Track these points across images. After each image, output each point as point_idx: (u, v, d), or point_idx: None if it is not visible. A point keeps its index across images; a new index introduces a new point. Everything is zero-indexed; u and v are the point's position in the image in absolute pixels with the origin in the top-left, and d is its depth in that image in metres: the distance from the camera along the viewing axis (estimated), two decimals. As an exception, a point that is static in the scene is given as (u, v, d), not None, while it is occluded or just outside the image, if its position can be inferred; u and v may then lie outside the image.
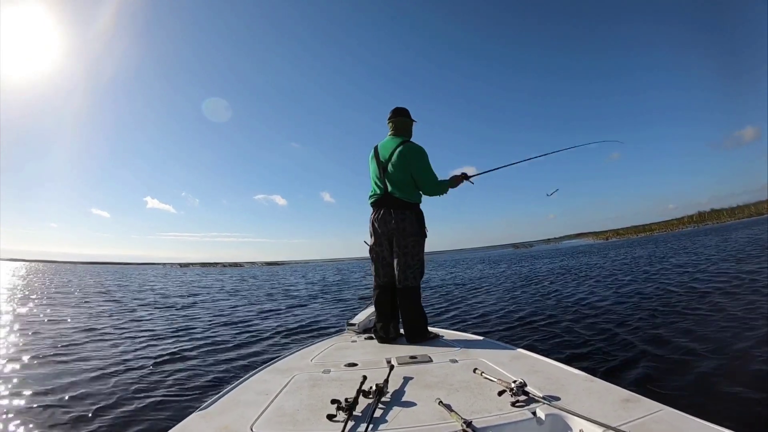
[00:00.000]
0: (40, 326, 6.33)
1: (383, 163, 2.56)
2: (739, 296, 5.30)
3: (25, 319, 7.24)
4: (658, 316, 4.79)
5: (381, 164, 2.58)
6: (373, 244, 2.64)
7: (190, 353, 4.38)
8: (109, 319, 7.32)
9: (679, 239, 28.43)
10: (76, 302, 10.40)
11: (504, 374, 1.62)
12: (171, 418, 2.55)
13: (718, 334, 3.68)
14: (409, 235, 2.52)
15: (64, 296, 12.27)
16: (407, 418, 1.25)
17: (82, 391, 3.12)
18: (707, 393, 2.49)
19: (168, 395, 3.03)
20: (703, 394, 2.48)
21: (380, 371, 1.68)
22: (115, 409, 2.76)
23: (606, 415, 1.17)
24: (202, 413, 1.35)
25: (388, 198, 2.55)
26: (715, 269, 8.44)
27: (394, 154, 2.52)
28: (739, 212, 61.76)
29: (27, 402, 2.91)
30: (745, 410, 2.21)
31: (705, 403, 2.34)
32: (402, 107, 2.71)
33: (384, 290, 2.59)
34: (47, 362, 4.03)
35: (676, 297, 5.85)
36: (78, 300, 11.15)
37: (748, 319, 4.07)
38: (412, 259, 2.52)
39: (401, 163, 2.50)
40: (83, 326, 6.38)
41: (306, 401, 1.43)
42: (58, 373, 3.61)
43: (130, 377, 3.49)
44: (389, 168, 2.53)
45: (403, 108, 2.71)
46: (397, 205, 2.53)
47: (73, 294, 13.25)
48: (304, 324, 6.14)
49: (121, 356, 4.30)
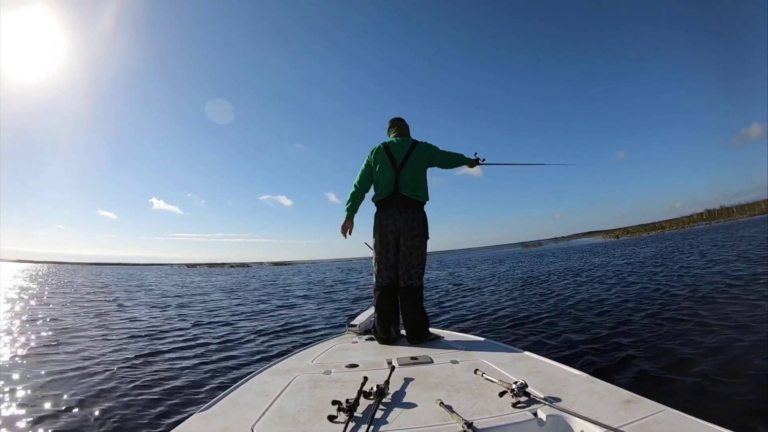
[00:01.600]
0: (34, 326, 6.37)
1: (398, 161, 2.59)
2: (742, 297, 5.27)
3: (23, 320, 7.26)
4: (660, 316, 4.76)
5: (394, 163, 2.59)
6: (377, 245, 2.62)
7: (188, 353, 4.39)
8: (107, 318, 7.38)
9: (692, 237, 28.24)
10: (74, 302, 10.46)
11: (505, 375, 1.62)
12: (171, 419, 2.56)
13: (718, 335, 3.66)
14: (417, 235, 2.54)
15: (62, 297, 12.33)
16: (408, 419, 1.25)
17: (80, 391, 3.14)
18: (708, 394, 2.48)
19: (168, 396, 3.03)
20: (704, 395, 2.46)
21: (381, 372, 1.68)
22: (114, 409, 2.77)
23: (607, 416, 1.17)
24: (203, 414, 1.35)
25: (397, 197, 2.56)
26: (723, 269, 8.38)
27: (412, 153, 2.59)
28: (750, 209, 61.23)
29: (25, 402, 2.93)
30: (746, 411, 2.19)
31: (706, 403, 2.33)
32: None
33: (386, 291, 2.58)
34: (45, 362, 4.05)
35: (678, 298, 5.81)
36: (75, 300, 11.24)
37: (748, 320, 4.05)
38: (417, 259, 2.54)
39: (420, 161, 2.59)
40: (80, 326, 6.42)
41: (307, 402, 1.43)
42: (57, 373, 3.63)
43: (130, 377, 3.50)
44: (406, 167, 2.57)
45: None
46: (406, 203, 2.55)
47: (71, 294, 13.32)
48: (290, 326, 6.06)
49: (120, 356, 4.31)
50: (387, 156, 2.62)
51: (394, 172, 2.57)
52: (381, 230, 2.58)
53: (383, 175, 2.60)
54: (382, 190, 2.60)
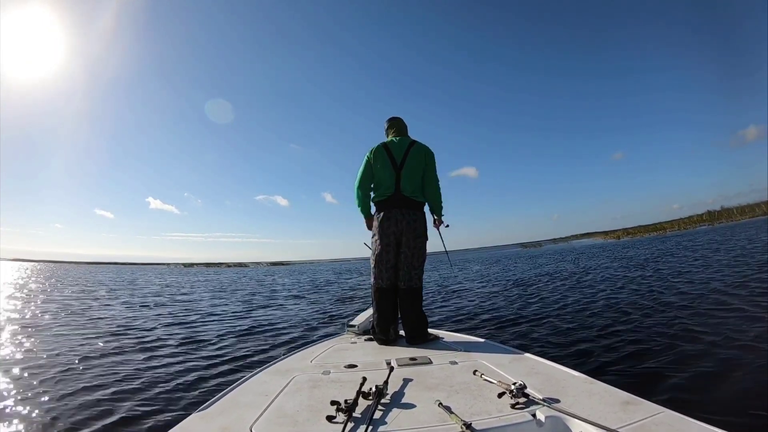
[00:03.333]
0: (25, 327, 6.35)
1: (398, 161, 2.57)
2: (743, 297, 5.28)
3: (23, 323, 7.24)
4: (660, 316, 4.77)
5: (394, 162, 2.58)
6: (377, 246, 2.59)
7: (187, 353, 4.38)
8: (105, 318, 7.36)
9: (692, 237, 28.21)
10: (69, 301, 10.44)
11: (504, 376, 1.62)
12: (170, 419, 2.55)
13: (718, 336, 3.67)
14: (419, 236, 2.55)
15: (62, 297, 12.31)
16: (407, 420, 1.25)
17: (78, 391, 3.12)
18: (708, 395, 2.48)
19: (167, 395, 3.02)
20: (703, 397, 2.47)
21: (380, 373, 1.68)
22: (113, 409, 2.76)
23: (606, 418, 1.17)
24: (202, 414, 1.35)
25: (399, 197, 2.54)
26: (724, 270, 8.39)
27: (410, 152, 2.57)
28: (750, 211, 61.37)
29: (23, 402, 2.91)
30: (745, 412, 2.20)
31: (706, 405, 2.33)
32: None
33: (385, 293, 2.57)
34: (44, 361, 4.03)
35: (678, 299, 5.82)
36: (72, 299, 11.22)
37: (748, 321, 4.06)
38: (418, 260, 2.55)
39: (418, 161, 2.57)
40: (78, 325, 6.40)
41: (306, 402, 1.43)
42: (55, 373, 3.61)
43: (129, 377, 3.49)
44: (405, 166, 2.56)
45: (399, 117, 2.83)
46: (408, 204, 2.55)
47: (70, 294, 13.28)
48: (260, 328, 5.91)
49: (119, 355, 4.30)
50: (387, 156, 2.59)
51: (394, 172, 2.56)
52: (382, 231, 2.55)
53: (384, 175, 2.58)
54: (384, 190, 2.58)
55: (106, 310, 8.53)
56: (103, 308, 8.94)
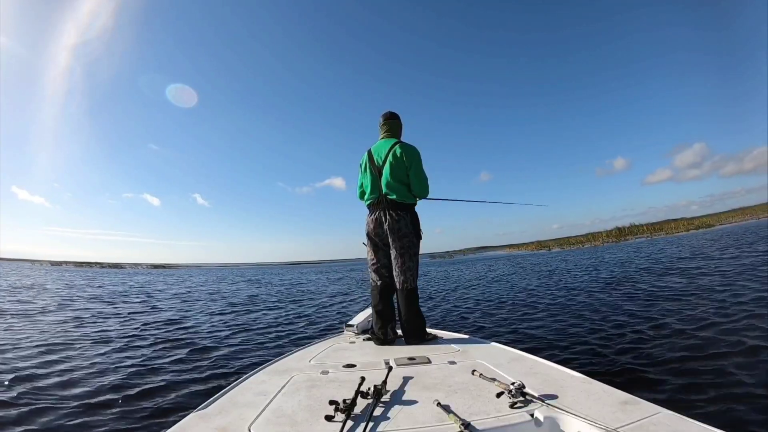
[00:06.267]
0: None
1: (378, 166, 2.61)
2: (742, 297, 5.30)
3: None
4: (657, 318, 4.79)
5: (376, 167, 2.62)
6: (368, 246, 2.69)
7: (185, 354, 4.37)
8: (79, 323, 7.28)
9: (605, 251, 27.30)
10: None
11: (502, 376, 1.63)
12: (169, 419, 2.55)
13: (717, 336, 3.68)
14: (405, 236, 2.55)
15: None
16: (405, 420, 1.25)
17: (76, 391, 3.11)
18: (705, 395, 2.49)
19: (166, 395, 3.02)
20: (701, 397, 2.48)
21: (378, 372, 1.69)
22: (112, 409, 2.75)
23: (604, 417, 1.17)
24: (200, 413, 1.35)
25: (383, 200, 2.59)
26: (715, 269, 8.43)
27: (389, 155, 2.57)
28: (638, 230, 67.34)
29: (20, 402, 2.89)
30: (743, 412, 2.21)
31: (703, 405, 2.34)
32: (393, 111, 2.79)
33: (382, 292, 2.60)
34: (42, 361, 4.01)
35: (674, 300, 5.84)
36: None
37: (748, 321, 4.08)
38: (410, 260, 2.55)
39: (397, 163, 2.55)
40: (75, 324, 6.35)
41: (304, 402, 1.43)
42: (53, 373, 3.60)
43: (128, 377, 3.48)
44: (384, 169, 2.57)
45: (395, 112, 2.79)
46: (393, 206, 2.57)
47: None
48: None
49: (117, 356, 4.29)
50: (369, 160, 2.67)
51: (376, 176, 2.61)
52: (367, 233, 2.67)
53: (367, 180, 2.68)
54: (369, 194, 2.66)
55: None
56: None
